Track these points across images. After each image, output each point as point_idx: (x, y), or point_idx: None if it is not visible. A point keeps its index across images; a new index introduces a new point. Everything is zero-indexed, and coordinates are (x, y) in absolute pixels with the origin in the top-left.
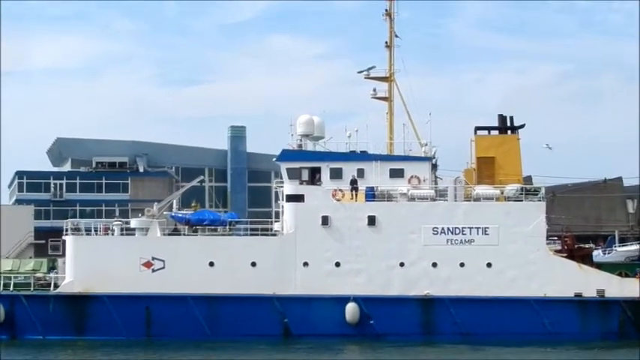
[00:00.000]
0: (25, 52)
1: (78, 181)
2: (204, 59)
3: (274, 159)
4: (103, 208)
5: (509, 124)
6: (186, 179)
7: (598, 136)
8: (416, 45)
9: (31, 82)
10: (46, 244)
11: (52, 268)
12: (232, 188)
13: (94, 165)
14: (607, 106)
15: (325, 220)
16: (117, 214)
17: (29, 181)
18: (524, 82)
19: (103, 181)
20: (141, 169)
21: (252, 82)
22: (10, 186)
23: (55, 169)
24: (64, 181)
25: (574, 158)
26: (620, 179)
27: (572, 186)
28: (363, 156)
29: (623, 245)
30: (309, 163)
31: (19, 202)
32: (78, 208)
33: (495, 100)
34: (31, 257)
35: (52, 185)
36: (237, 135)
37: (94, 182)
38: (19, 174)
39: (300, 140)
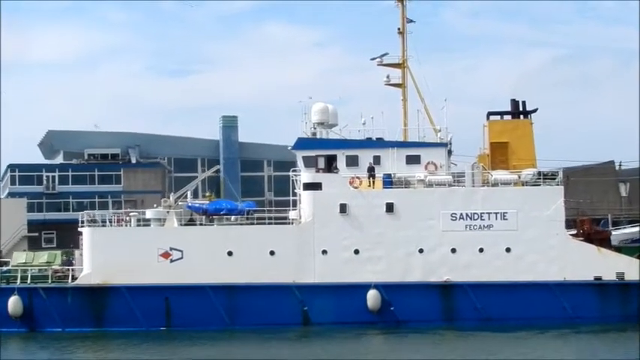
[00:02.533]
0: (21, 46)
1: (70, 173)
2: (199, 49)
3: (290, 147)
4: (96, 200)
5: (521, 108)
6: (178, 170)
7: (592, 120)
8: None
9: (24, 76)
10: (40, 236)
11: (65, 260)
12: (225, 178)
13: (86, 157)
14: (601, 91)
15: (343, 208)
16: (110, 205)
17: (21, 174)
18: (519, 67)
19: (96, 173)
20: (133, 161)
21: (246, 71)
22: (2, 179)
23: (47, 162)
24: (56, 174)
25: (569, 142)
26: (612, 162)
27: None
28: (380, 143)
29: (617, 229)
30: (325, 150)
31: (11, 195)
32: (71, 200)
33: (491, 86)
34: (25, 250)
35: (44, 178)
36: (229, 125)
37: (86, 174)
38: (12, 167)
39: (315, 128)
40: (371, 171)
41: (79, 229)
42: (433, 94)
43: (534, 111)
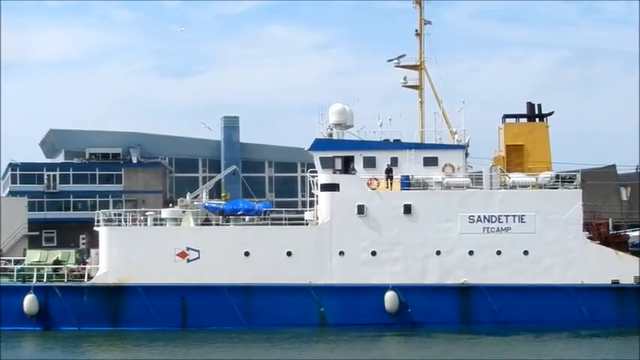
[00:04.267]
0: (23, 45)
1: (71, 172)
2: (202, 50)
3: (306, 148)
4: (97, 199)
5: (537, 111)
6: (179, 170)
7: (593, 123)
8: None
9: (26, 74)
10: (40, 235)
11: (78, 259)
12: (226, 179)
13: (87, 156)
14: (603, 94)
15: (361, 209)
16: (111, 205)
17: (22, 172)
18: (521, 70)
19: (97, 173)
20: (134, 160)
21: (248, 72)
22: (3, 178)
23: (49, 161)
24: (57, 173)
25: (570, 145)
26: (614, 166)
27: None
28: (397, 145)
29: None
30: (343, 152)
31: (12, 194)
32: (71, 199)
33: (491, 88)
34: (25, 248)
35: (45, 177)
36: (231, 125)
37: (87, 173)
38: (12, 166)
39: (331, 129)
40: (389, 172)
41: (95, 229)
42: (447, 95)
43: (550, 114)
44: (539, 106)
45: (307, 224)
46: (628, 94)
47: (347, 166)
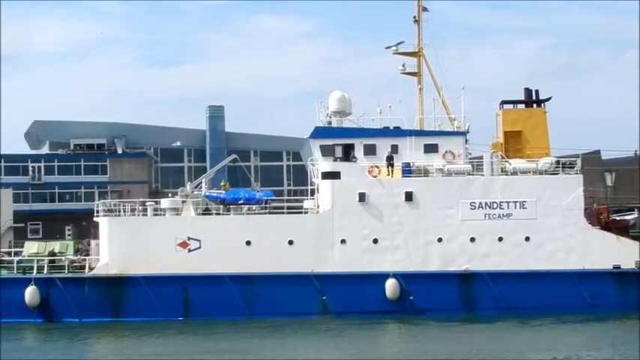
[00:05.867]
0: (17, 37)
1: (56, 163)
2: (189, 40)
3: (306, 136)
4: (82, 190)
5: (534, 97)
6: (165, 160)
7: (579, 109)
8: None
9: (11, 66)
10: (26, 227)
11: (77, 250)
12: (212, 168)
13: (72, 147)
14: (591, 80)
15: (362, 197)
16: (96, 196)
17: (7, 164)
18: (508, 57)
19: (82, 163)
20: (119, 151)
21: (235, 61)
22: None
23: (33, 152)
24: (42, 164)
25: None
26: (598, 152)
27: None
28: (397, 132)
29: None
30: (343, 139)
31: None
32: (57, 190)
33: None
34: (10, 240)
35: (30, 168)
36: (216, 115)
37: (72, 164)
38: None
39: (330, 117)
40: (390, 160)
41: (95, 219)
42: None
43: (548, 99)
44: (537, 92)
45: (307, 213)
46: (613, 81)
47: (347, 154)
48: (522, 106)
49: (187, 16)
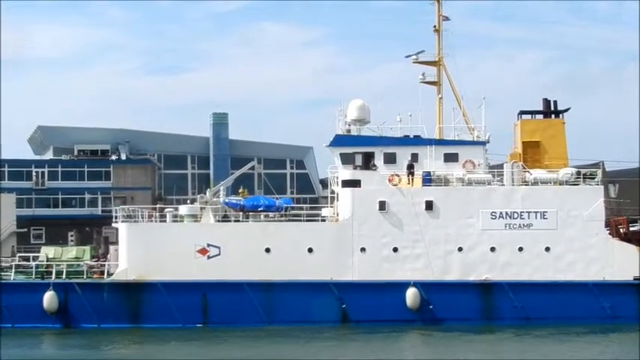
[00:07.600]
0: (18, 42)
1: (60, 169)
2: (193, 47)
3: (326, 144)
4: (86, 196)
5: (553, 108)
6: (168, 167)
7: (583, 121)
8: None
9: (15, 71)
10: (29, 232)
11: (94, 255)
12: (215, 175)
13: (75, 153)
14: (593, 92)
15: (382, 206)
16: (99, 202)
17: (10, 169)
18: (512, 68)
19: (85, 169)
20: (123, 157)
21: (239, 69)
22: None
23: (37, 158)
24: (45, 169)
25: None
26: (601, 164)
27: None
28: (418, 140)
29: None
30: (363, 148)
31: (0, 190)
32: (60, 196)
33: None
34: (13, 245)
35: (33, 173)
36: (220, 122)
37: (75, 170)
38: (1, 162)
39: (349, 125)
40: (410, 168)
41: (113, 225)
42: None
43: (566, 110)
44: (555, 102)
45: (325, 221)
46: (618, 93)
47: (367, 162)
48: (541, 116)
49: (191, 23)
